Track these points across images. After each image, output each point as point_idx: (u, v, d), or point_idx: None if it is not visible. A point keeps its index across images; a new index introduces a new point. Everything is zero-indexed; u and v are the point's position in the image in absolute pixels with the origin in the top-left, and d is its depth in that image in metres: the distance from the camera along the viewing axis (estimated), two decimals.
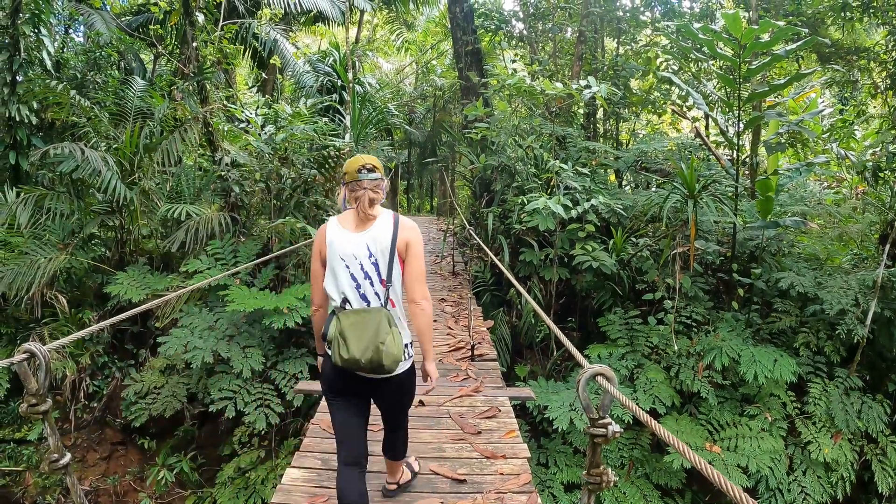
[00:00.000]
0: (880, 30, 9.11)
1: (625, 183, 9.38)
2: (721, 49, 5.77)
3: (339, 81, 12.77)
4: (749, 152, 7.62)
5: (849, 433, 5.44)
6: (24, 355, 1.67)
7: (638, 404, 5.27)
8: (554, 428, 5.24)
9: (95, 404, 6.20)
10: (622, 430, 2.32)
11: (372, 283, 2.29)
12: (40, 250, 6.14)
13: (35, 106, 7.18)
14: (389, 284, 2.30)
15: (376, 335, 2.18)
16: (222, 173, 6.47)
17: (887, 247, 5.86)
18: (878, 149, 7.22)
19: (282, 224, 6.03)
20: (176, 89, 7.48)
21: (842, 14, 8.16)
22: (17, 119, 7.00)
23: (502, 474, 3.18)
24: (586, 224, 6.32)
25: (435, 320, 4.63)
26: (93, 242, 6.90)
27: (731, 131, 7.04)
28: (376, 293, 2.29)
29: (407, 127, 17.86)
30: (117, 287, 6.01)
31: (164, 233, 7.09)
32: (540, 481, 5.34)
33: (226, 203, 6.75)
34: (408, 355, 2.37)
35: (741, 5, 8.85)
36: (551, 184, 6.71)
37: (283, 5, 11.75)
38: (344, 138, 8.79)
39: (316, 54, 14.95)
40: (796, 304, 5.99)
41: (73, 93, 6.53)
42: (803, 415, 5.59)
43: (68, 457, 1.78)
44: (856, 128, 9.43)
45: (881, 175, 6.44)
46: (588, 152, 7.71)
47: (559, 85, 6.62)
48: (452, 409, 4.11)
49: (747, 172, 7.31)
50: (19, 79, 7.24)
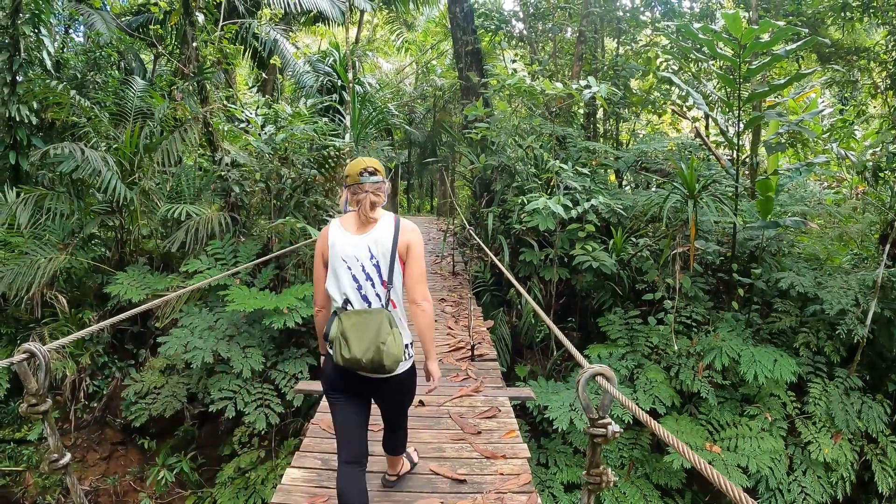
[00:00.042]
0: (880, 30, 9.11)
1: (625, 183, 9.38)
2: (721, 49, 5.77)
3: (339, 81, 12.78)
4: (749, 152, 7.62)
5: (849, 433, 5.44)
6: (24, 355, 1.67)
7: (638, 404, 5.28)
8: (554, 428, 5.24)
9: (95, 404, 6.20)
10: (622, 431, 2.32)
11: (373, 285, 2.31)
12: (40, 250, 6.14)
13: (35, 106, 7.18)
14: (390, 286, 2.33)
15: (377, 336, 2.20)
16: (222, 173, 6.48)
17: (887, 247, 5.86)
18: (878, 149, 7.22)
19: (282, 224, 6.04)
20: (176, 89, 7.48)
21: (842, 14, 8.16)
22: (17, 119, 7.00)
23: (502, 474, 3.18)
24: (586, 224, 6.32)
25: (435, 320, 4.63)
26: (93, 242, 6.90)
27: (731, 131, 7.04)
28: (377, 294, 2.31)
29: (407, 127, 17.87)
30: (117, 287, 6.01)
31: (164, 233, 7.09)
32: (540, 481, 5.34)
33: (226, 203, 6.76)
34: (408, 355, 2.39)
35: (741, 5, 8.85)
36: (551, 184, 6.71)
37: (283, 5, 11.75)
38: (344, 138, 8.80)
39: (316, 54, 14.96)
40: (796, 304, 5.99)
41: (73, 93, 6.54)
42: (803, 415, 5.59)
43: (68, 457, 1.78)
44: (856, 128, 9.43)
45: (881, 175, 6.44)
46: (588, 152, 7.71)
47: (559, 85, 6.63)
48: (452, 409, 4.11)
49: (747, 172, 7.31)
50: (19, 79, 7.24)
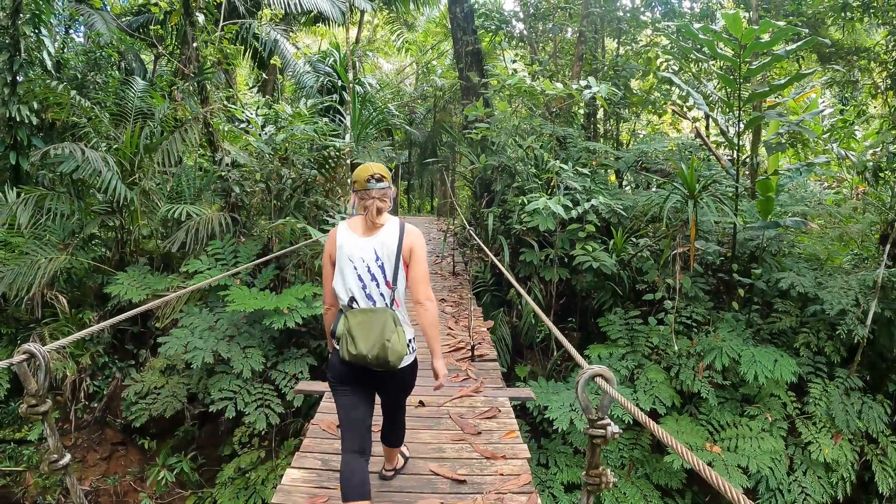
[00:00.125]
0: (880, 30, 9.11)
1: (625, 183, 9.38)
2: (721, 49, 5.77)
3: (340, 82, 12.77)
4: (749, 152, 7.61)
5: (849, 433, 5.43)
6: (24, 356, 1.67)
7: (638, 404, 5.28)
8: (554, 428, 5.24)
9: (96, 404, 6.20)
10: (621, 431, 2.32)
11: (378, 285, 2.44)
12: (41, 250, 6.14)
13: (35, 106, 7.18)
14: (395, 287, 2.45)
15: (382, 333, 2.34)
16: (222, 173, 6.48)
17: (888, 247, 5.86)
18: (878, 149, 7.22)
19: (282, 224, 6.04)
20: (176, 90, 7.48)
21: (842, 14, 8.16)
22: (18, 119, 7.00)
23: (502, 475, 3.18)
24: (586, 224, 6.32)
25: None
26: (93, 243, 6.91)
27: (732, 131, 7.04)
28: (381, 294, 2.44)
29: (407, 127, 17.87)
30: (117, 287, 6.02)
31: (164, 233, 7.09)
32: (540, 481, 5.34)
33: (226, 203, 6.76)
34: (411, 349, 2.52)
35: (741, 5, 8.85)
36: (551, 184, 6.71)
37: (283, 5, 11.75)
38: (344, 139, 8.79)
39: (316, 55, 14.95)
40: (797, 305, 5.99)
41: (73, 93, 6.54)
42: (804, 415, 5.58)
43: (68, 457, 1.78)
44: (856, 128, 9.43)
45: (881, 175, 6.44)
46: (588, 152, 7.71)
47: (559, 85, 6.63)
48: (452, 409, 4.11)
49: (747, 172, 7.31)
50: (20, 79, 7.23)
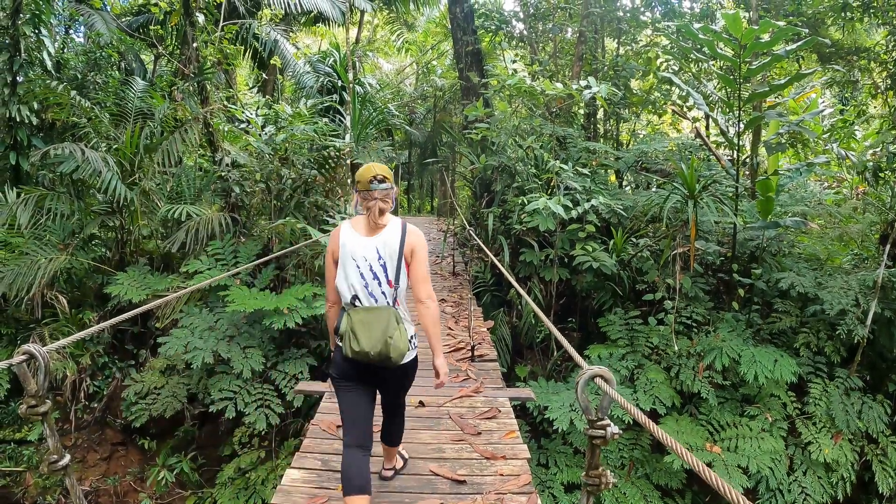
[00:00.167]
0: (880, 30, 9.10)
1: (625, 183, 9.38)
2: (721, 49, 5.77)
3: (340, 82, 12.76)
4: (749, 152, 7.61)
5: (849, 433, 5.43)
6: (24, 357, 1.67)
7: (638, 405, 5.27)
8: (554, 428, 5.24)
9: (96, 405, 6.20)
10: (621, 432, 2.32)
11: (379, 283, 2.49)
12: (41, 251, 6.14)
13: (35, 106, 7.18)
14: (397, 285, 2.50)
15: (385, 331, 2.39)
16: (223, 174, 6.48)
17: (888, 247, 5.85)
18: (878, 149, 7.22)
19: (282, 224, 6.04)
20: (176, 90, 7.47)
21: (842, 14, 8.15)
22: (18, 119, 7.00)
23: (502, 475, 3.18)
24: (586, 224, 6.32)
25: None
26: (93, 243, 6.91)
27: (732, 131, 7.04)
28: (383, 292, 2.49)
29: (407, 127, 17.87)
30: (118, 287, 6.01)
31: (164, 233, 7.09)
32: (540, 482, 5.34)
33: (226, 203, 6.76)
34: (413, 346, 2.57)
35: (741, 5, 8.85)
36: (551, 184, 6.71)
37: (283, 6, 11.75)
38: (344, 139, 8.79)
39: (316, 55, 14.95)
40: (797, 305, 5.99)
41: (73, 93, 6.54)
42: (804, 415, 5.58)
43: (67, 458, 1.78)
44: (856, 128, 9.43)
45: (881, 175, 6.44)
46: (588, 153, 7.71)
47: (559, 85, 6.62)
48: (452, 409, 4.11)
49: (748, 173, 7.31)
50: (20, 79, 7.23)
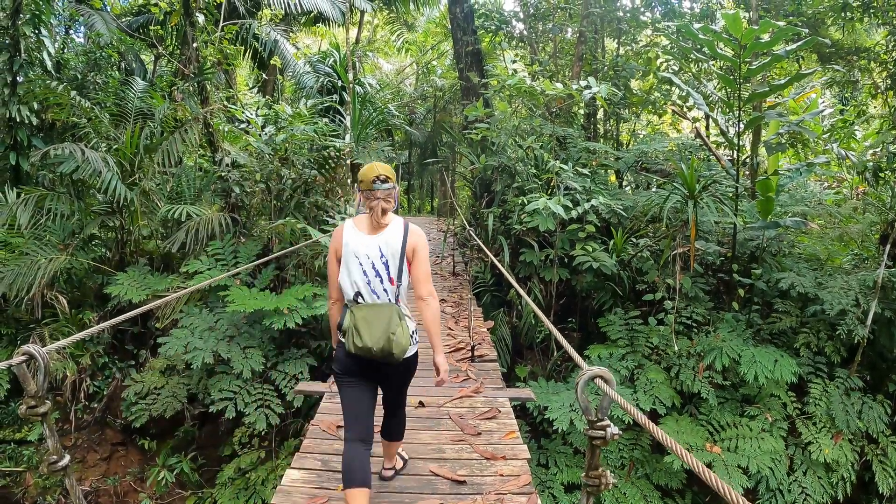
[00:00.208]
0: (880, 30, 9.10)
1: (625, 183, 9.38)
2: (721, 49, 5.76)
3: (340, 82, 12.77)
4: (749, 153, 7.61)
5: (849, 433, 5.43)
6: (23, 357, 1.67)
7: (638, 405, 5.27)
8: (554, 428, 5.24)
9: (96, 405, 6.20)
10: (621, 433, 2.32)
11: (381, 280, 2.54)
12: (41, 251, 6.14)
13: (35, 107, 7.18)
14: (398, 283, 2.56)
15: (388, 327, 2.44)
16: (223, 174, 6.48)
17: (888, 247, 5.85)
18: (878, 149, 7.22)
19: (282, 225, 6.04)
20: (176, 90, 7.47)
21: (842, 14, 8.15)
22: (18, 120, 7.00)
23: (502, 475, 3.18)
24: (586, 224, 6.32)
25: None
26: (93, 243, 6.90)
27: (732, 132, 7.04)
28: (385, 289, 2.54)
29: (407, 127, 17.86)
30: (118, 288, 6.01)
31: (164, 233, 7.09)
32: (540, 482, 5.34)
33: (226, 204, 6.76)
34: (414, 341, 2.61)
35: (741, 5, 8.85)
36: (551, 184, 6.71)
37: (283, 6, 11.75)
38: (344, 139, 8.79)
39: (316, 55, 14.95)
40: (797, 305, 5.98)
41: (73, 93, 6.54)
42: (804, 415, 5.58)
43: (67, 458, 1.78)
44: (856, 128, 9.42)
45: (881, 175, 6.44)
46: (588, 153, 7.70)
47: (559, 85, 6.62)
48: (452, 410, 4.11)
49: (748, 173, 7.31)
50: (20, 79, 7.23)
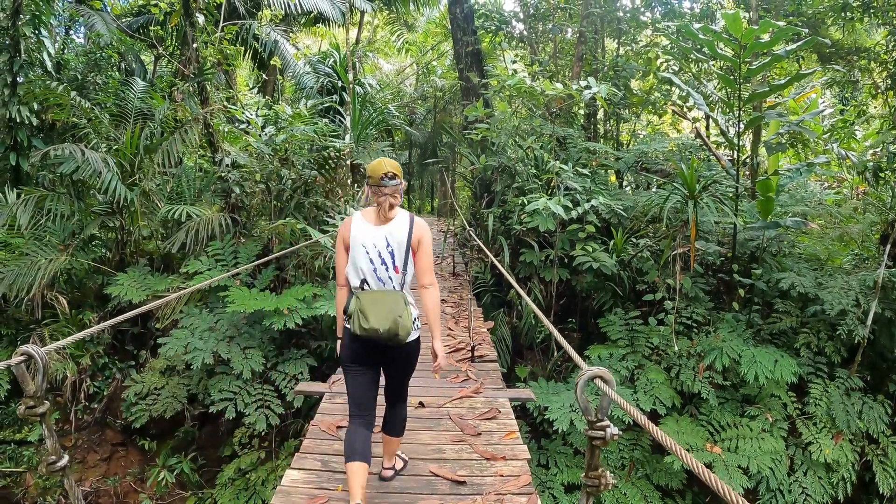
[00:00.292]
0: (880, 30, 9.10)
1: (625, 183, 9.37)
2: (721, 49, 5.76)
3: (340, 82, 12.75)
4: (749, 153, 7.61)
5: (850, 434, 5.43)
6: (22, 357, 1.67)
7: (638, 405, 5.27)
8: (554, 429, 5.24)
9: (96, 405, 6.20)
10: (620, 433, 2.31)
11: (387, 268, 2.68)
12: (41, 251, 6.14)
13: (35, 107, 7.18)
14: (404, 272, 2.69)
15: (394, 310, 2.58)
16: (223, 174, 6.48)
17: (888, 247, 5.85)
18: (878, 149, 7.22)
19: (282, 225, 6.04)
20: (176, 90, 7.48)
21: (842, 14, 8.15)
22: (18, 120, 7.00)
23: (502, 476, 3.18)
24: (587, 225, 6.32)
25: None
26: (93, 243, 6.91)
27: (732, 132, 7.03)
28: (390, 277, 2.68)
29: (407, 128, 17.86)
30: (118, 288, 6.01)
31: (164, 234, 7.09)
32: (540, 482, 5.33)
33: (226, 204, 6.76)
34: (416, 326, 2.75)
35: (741, 5, 8.84)
36: (551, 184, 6.70)
37: (283, 6, 11.74)
38: (344, 139, 8.79)
39: (316, 55, 14.94)
40: (797, 305, 5.98)
41: (73, 94, 6.55)
42: (804, 415, 5.58)
43: (66, 459, 1.78)
44: (856, 128, 9.41)
45: (882, 175, 6.44)
46: (588, 153, 7.70)
47: (559, 85, 6.62)
48: (452, 410, 4.10)
49: (748, 173, 7.30)
50: (20, 80, 7.23)
